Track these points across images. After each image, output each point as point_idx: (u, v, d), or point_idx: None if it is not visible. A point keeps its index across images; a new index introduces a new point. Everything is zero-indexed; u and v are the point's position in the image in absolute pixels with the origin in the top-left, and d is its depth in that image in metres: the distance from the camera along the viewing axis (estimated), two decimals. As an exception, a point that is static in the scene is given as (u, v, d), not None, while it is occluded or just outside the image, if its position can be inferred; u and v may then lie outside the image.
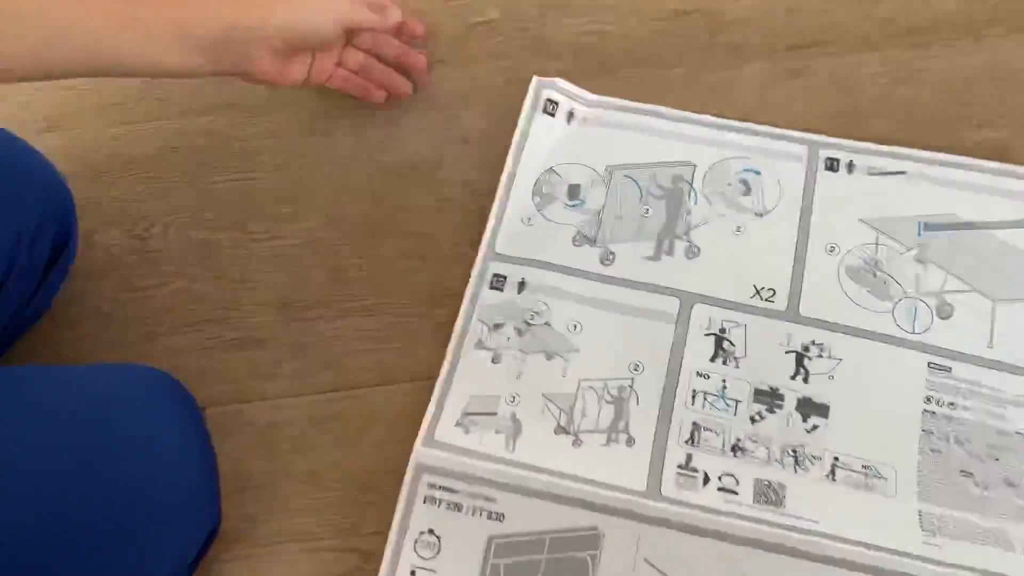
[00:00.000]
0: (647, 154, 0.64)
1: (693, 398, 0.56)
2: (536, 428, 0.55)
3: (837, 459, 0.53)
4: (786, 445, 0.54)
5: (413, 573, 0.51)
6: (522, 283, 0.60)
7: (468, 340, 0.58)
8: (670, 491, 0.52)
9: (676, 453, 0.54)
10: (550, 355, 0.57)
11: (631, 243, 0.61)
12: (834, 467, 0.53)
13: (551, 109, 0.66)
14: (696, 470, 0.53)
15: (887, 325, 0.57)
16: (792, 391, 0.55)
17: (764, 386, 0.56)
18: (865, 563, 0.49)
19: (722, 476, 0.53)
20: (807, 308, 0.58)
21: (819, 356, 0.56)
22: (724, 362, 0.57)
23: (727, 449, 0.54)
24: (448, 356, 0.58)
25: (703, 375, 0.56)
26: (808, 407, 0.55)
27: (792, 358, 0.56)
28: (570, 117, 0.66)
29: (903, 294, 0.58)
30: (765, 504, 0.52)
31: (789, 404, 0.55)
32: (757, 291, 0.58)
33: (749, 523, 0.50)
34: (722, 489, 0.52)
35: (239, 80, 0.57)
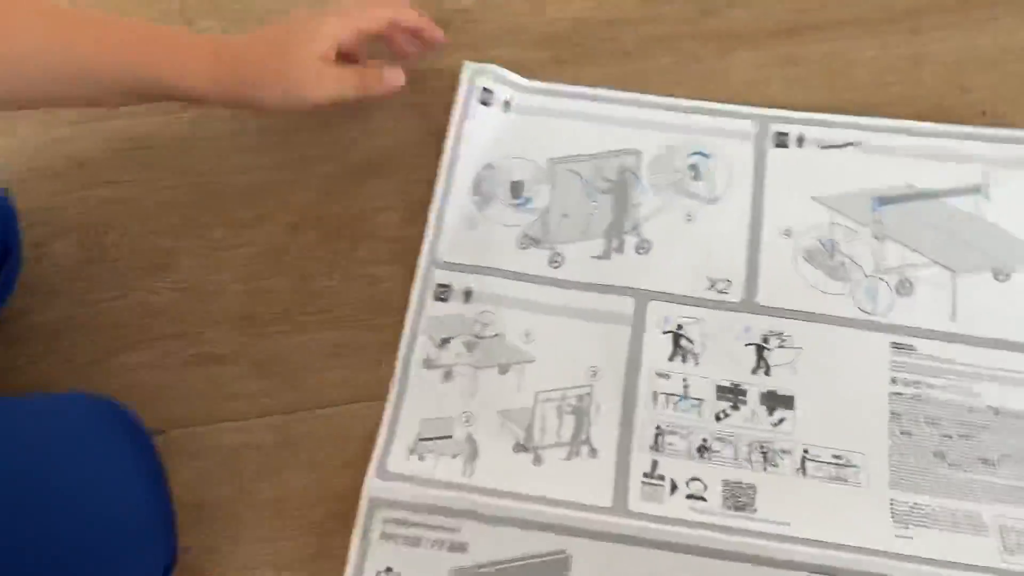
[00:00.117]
0: (590, 143, 0.61)
1: (655, 400, 0.53)
2: (494, 448, 0.52)
3: (807, 451, 0.52)
4: (753, 442, 0.52)
5: (376, 613, 0.49)
6: (468, 292, 0.57)
7: (415, 358, 0.55)
8: (637, 504, 0.50)
9: (641, 460, 0.52)
10: (504, 368, 0.55)
11: (579, 242, 0.58)
12: (804, 460, 0.51)
13: (486, 98, 0.62)
14: (662, 478, 0.51)
15: (847, 308, 0.55)
16: (755, 385, 0.54)
17: (726, 382, 0.54)
18: (835, 566, 0.48)
19: (689, 482, 0.51)
20: (764, 297, 0.55)
21: (779, 346, 0.54)
22: (683, 360, 0.54)
23: (693, 451, 0.52)
24: (395, 378, 0.55)
25: (663, 375, 0.54)
26: (772, 400, 0.53)
27: (752, 351, 0.54)
28: (507, 106, 0.62)
29: (862, 274, 0.56)
30: (735, 510, 0.50)
31: (753, 399, 0.53)
32: (712, 283, 0.56)
33: (720, 534, 0.49)
34: (691, 496, 0.50)
35: None
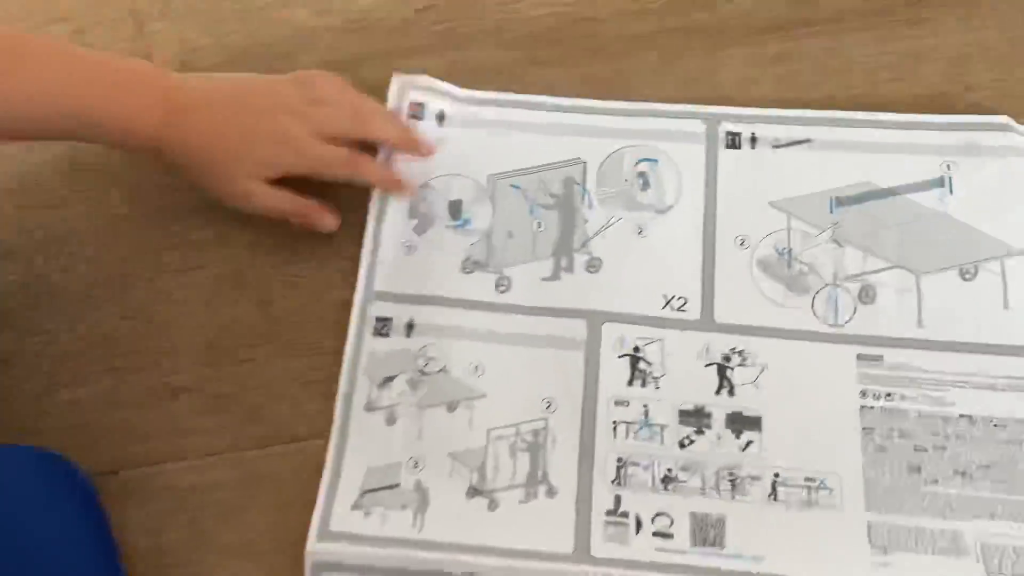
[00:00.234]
0: (531, 155, 0.57)
1: (614, 430, 0.50)
2: (445, 495, 0.49)
3: (777, 476, 0.49)
4: (721, 468, 0.49)
5: None
6: (410, 324, 0.53)
7: (356, 401, 0.51)
8: (600, 549, 0.47)
9: (603, 497, 0.49)
10: (452, 406, 0.51)
11: (527, 264, 0.54)
12: (775, 485, 0.49)
13: (417, 112, 0.58)
14: (626, 515, 0.48)
15: (808, 320, 0.52)
16: (719, 407, 0.51)
17: (689, 405, 0.51)
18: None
19: (655, 517, 0.48)
20: (722, 313, 0.52)
21: (741, 365, 0.51)
22: (643, 384, 0.51)
23: (657, 483, 0.49)
24: (334, 425, 0.51)
25: (622, 402, 0.51)
26: (739, 422, 0.50)
27: (714, 371, 0.51)
28: (440, 119, 0.58)
29: (821, 283, 0.53)
30: (704, 546, 0.47)
31: (718, 422, 0.50)
32: (668, 300, 0.53)
33: (691, 576, 0.46)
34: (657, 534, 0.47)
35: None
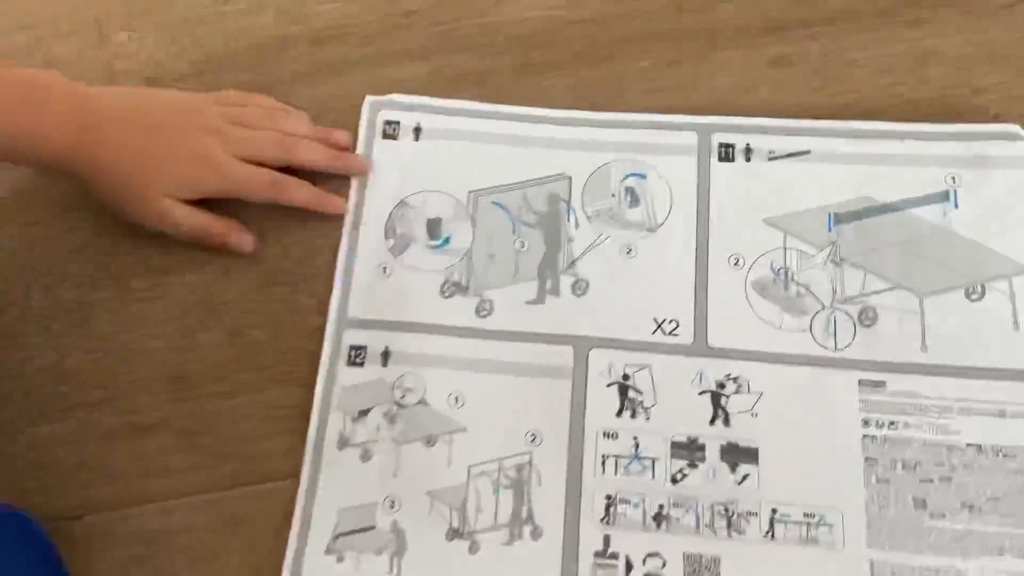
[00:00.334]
0: (514, 170, 0.54)
1: (603, 464, 0.47)
2: (424, 537, 0.46)
3: (775, 511, 0.46)
4: (716, 504, 0.46)
5: None
6: (386, 353, 0.50)
7: (328, 437, 0.48)
8: (589, 595, 0.44)
9: (591, 537, 0.46)
10: (430, 440, 0.48)
11: (509, 286, 0.51)
12: (773, 522, 0.46)
13: (392, 131, 0.55)
14: (616, 556, 0.45)
15: (806, 344, 0.49)
16: (713, 438, 0.48)
17: (681, 437, 0.48)
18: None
19: (647, 558, 0.45)
20: (716, 338, 0.50)
21: (737, 392, 0.49)
22: (633, 415, 0.48)
23: (649, 521, 0.46)
24: (305, 463, 0.48)
25: (610, 435, 0.48)
26: (734, 454, 0.47)
27: (708, 399, 0.49)
28: (417, 133, 0.55)
29: (819, 305, 0.50)
30: (700, 589, 0.44)
31: (712, 454, 0.48)
32: (659, 324, 0.50)
33: (685, 626, 0.43)
34: (649, 576, 0.45)
35: None
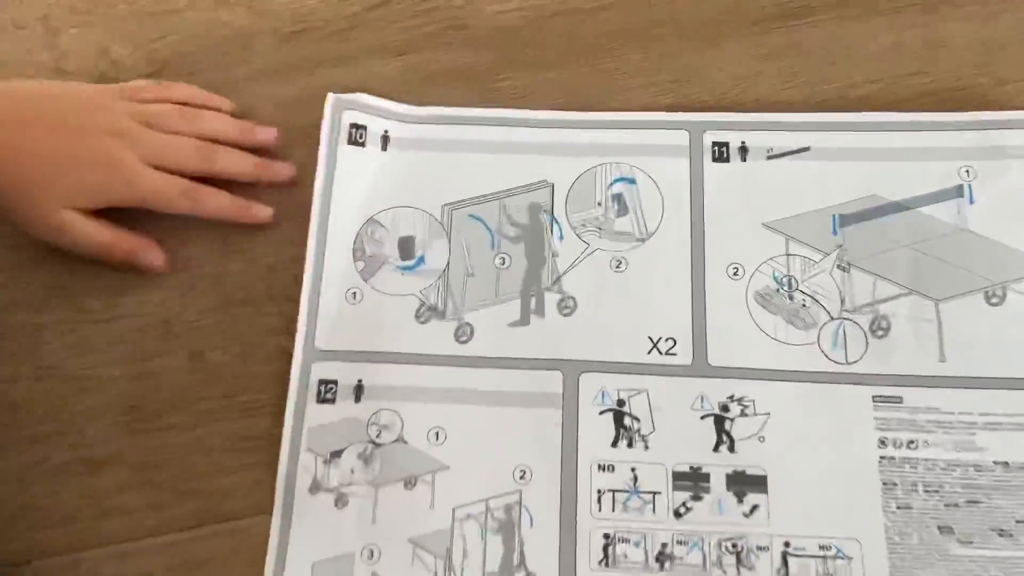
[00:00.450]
0: (491, 179, 0.50)
1: (599, 500, 0.44)
2: (407, 590, 0.42)
3: (788, 545, 0.42)
4: (723, 539, 0.43)
5: None
6: (359, 387, 0.46)
7: (300, 482, 0.44)
8: (589, 649, 0.41)
9: (590, 582, 0.42)
10: (410, 481, 0.44)
11: (491, 307, 0.47)
12: (785, 557, 0.42)
13: (358, 136, 0.50)
14: (618, 602, 0.42)
15: (814, 359, 0.45)
16: (718, 466, 0.44)
17: (684, 466, 0.44)
18: None
19: (651, 604, 0.42)
20: (717, 356, 0.46)
21: (742, 415, 0.45)
22: (630, 444, 0.45)
23: (652, 562, 0.42)
24: (276, 510, 0.44)
25: (606, 467, 0.44)
26: (741, 483, 0.44)
27: (710, 424, 0.45)
28: (385, 142, 0.51)
29: (826, 316, 0.46)
30: (710, 639, 0.41)
31: (718, 484, 0.44)
32: (654, 344, 0.46)
33: None
34: (653, 626, 0.41)
35: None
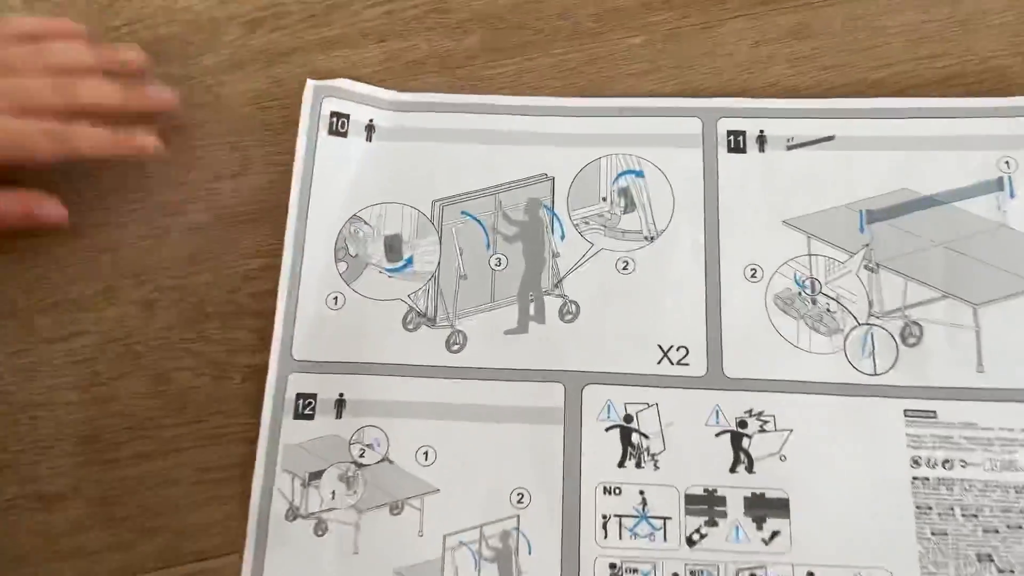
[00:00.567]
0: (485, 172, 0.45)
1: (604, 527, 0.40)
2: (393, 628, 0.38)
3: (812, 575, 0.39)
4: (741, 570, 0.39)
5: None
6: (340, 402, 0.42)
7: (275, 507, 0.40)
8: None
9: (595, 617, 0.38)
10: (396, 506, 0.40)
11: (485, 312, 0.43)
12: (808, 588, 0.39)
13: (340, 126, 0.46)
14: (625, 641, 0.38)
15: (840, 369, 0.41)
16: (736, 488, 0.40)
17: (697, 489, 0.40)
18: None
19: (662, 642, 0.38)
20: (733, 366, 0.42)
21: (761, 431, 0.41)
22: (638, 464, 0.41)
23: (662, 594, 0.39)
24: (249, 538, 0.40)
25: (612, 490, 0.40)
26: (761, 507, 0.40)
27: (726, 441, 0.41)
28: (370, 131, 0.47)
29: (854, 321, 0.42)
30: None
31: (735, 508, 0.40)
32: (664, 353, 0.42)
33: None
34: (665, 668, 0.37)
35: None
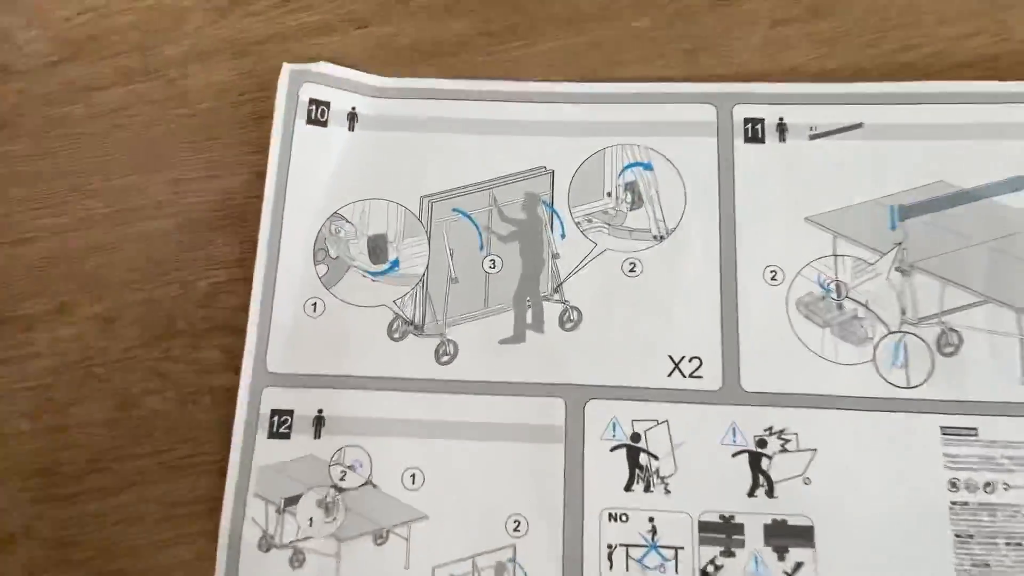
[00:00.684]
0: (479, 164, 0.42)
1: (610, 557, 0.36)
2: (376, 672, 0.35)
3: (837, 612, 0.35)
4: (759, 605, 0.35)
5: None
6: (319, 418, 0.38)
7: (247, 536, 0.37)
8: None
9: (599, 659, 0.35)
10: (380, 535, 0.36)
11: (478, 319, 0.39)
12: (835, 626, 0.35)
13: (319, 115, 0.42)
14: None
15: (870, 382, 0.38)
16: (755, 515, 0.36)
17: (712, 515, 0.36)
18: None
19: None
20: (751, 379, 0.38)
21: (782, 451, 0.37)
22: (647, 488, 0.37)
23: (674, 632, 0.35)
24: (219, 570, 0.36)
25: (618, 517, 0.37)
26: (782, 535, 0.36)
27: (744, 462, 0.37)
28: (352, 120, 0.43)
29: (884, 328, 0.38)
30: None
31: (754, 537, 0.36)
32: (676, 364, 0.38)
33: None
34: None
35: None
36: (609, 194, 0.41)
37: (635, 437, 0.37)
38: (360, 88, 0.43)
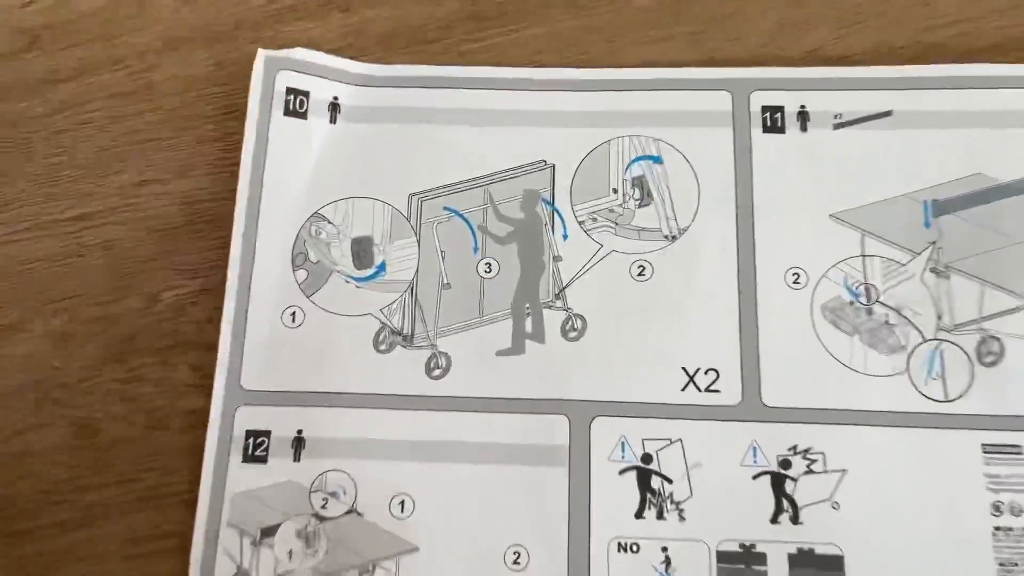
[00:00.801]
0: (473, 158, 0.38)
1: (620, 591, 0.33)
2: None
3: (870, 650, 0.32)
4: (784, 643, 0.32)
5: None
6: (299, 440, 0.35)
7: (219, 572, 0.33)
8: None
9: None
10: (366, 569, 0.33)
11: (472, 329, 0.36)
12: (867, 666, 0.32)
13: (298, 106, 0.39)
14: None
15: (904, 395, 0.34)
16: (778, 543, 0.33)
17: (732, 544, 0.33)
18: None
19: None
20: (773, 393, 0.35)
21: (808, 472, 0.34)
22: (660, 514, 0.34)
23: (690, 674, 0.32)
24: (189, 612, 0.33)
25: (629, 546, 0.33)
26: (809, 565, 0.33)
27: (766, 484, 0.34)
28: (334, 111, 0.39)
29: (919, 336, 0.35)
30: None
31: (777, 568, 0.33)
32: (690, 377, 0.35)
33: None
34: None
35: None
36: (615, 190, 0.38)
37: (646, 458, 0.34)
38: (342, 76, 0.39)
